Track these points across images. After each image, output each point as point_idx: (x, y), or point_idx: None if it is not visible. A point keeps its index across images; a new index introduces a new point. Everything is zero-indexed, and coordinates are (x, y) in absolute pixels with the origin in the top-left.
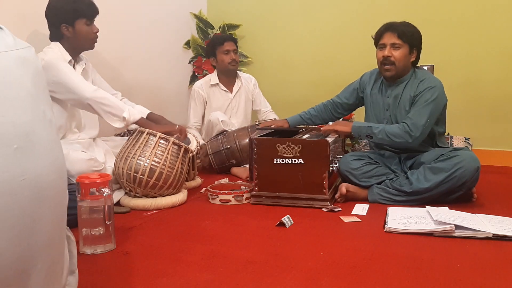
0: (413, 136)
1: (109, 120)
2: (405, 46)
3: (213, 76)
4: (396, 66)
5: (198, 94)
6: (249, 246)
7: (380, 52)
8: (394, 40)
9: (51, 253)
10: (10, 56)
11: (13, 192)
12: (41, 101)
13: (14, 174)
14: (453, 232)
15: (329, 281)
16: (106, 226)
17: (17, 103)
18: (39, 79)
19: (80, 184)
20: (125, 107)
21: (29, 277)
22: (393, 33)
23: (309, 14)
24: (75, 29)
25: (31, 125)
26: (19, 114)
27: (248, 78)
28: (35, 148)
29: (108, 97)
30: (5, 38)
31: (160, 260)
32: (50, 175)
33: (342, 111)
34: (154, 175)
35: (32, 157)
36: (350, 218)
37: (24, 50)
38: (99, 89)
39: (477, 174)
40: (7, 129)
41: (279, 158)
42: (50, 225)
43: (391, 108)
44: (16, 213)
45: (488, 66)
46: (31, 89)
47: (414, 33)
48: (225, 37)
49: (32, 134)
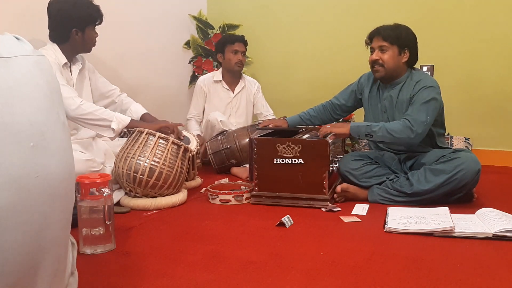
0: (415, 131)
1: (99, 132)
2: (393, 47)
3: (217, 73)
4: (386, 68)
5: (200, 89)
6: (249, 246)
7: (370, 56)
8: (380, 43)
9: (58, 252)
10: (29, 60)
11: (27, 189)
12: (55, 104)
13: (29, 171)
14: (453, 232)
15: (329, 281)
16: (106, 226)
17: (34, 103)
18: (53, 83)
19: (80, 184)
20: (112, 116)
21: (36, 273)
22: (378, 36)
23: (309, 14)
24: (85, 34)
25: (46, 125)
26: (36, 114)
27: (252, 81)
28: (49, 147)
29: (92, 111)
30: (24, 46)
31: (160, 260)
32: (62, 175)
33: (341, 113)
34: (154, 175)
35: (46, 156)
36: (350, 218)
37: (40, 57)
38: (83, 104)
39: (477, 176)
40: (25, 127)
41: (279, 158)
42: (58, 223)
43: (388, 110)
44: (29, 209)
45: (488, 66)
46: (46, 91)
47: (402, 34)
48: (237, 37)
49: (47, 134)
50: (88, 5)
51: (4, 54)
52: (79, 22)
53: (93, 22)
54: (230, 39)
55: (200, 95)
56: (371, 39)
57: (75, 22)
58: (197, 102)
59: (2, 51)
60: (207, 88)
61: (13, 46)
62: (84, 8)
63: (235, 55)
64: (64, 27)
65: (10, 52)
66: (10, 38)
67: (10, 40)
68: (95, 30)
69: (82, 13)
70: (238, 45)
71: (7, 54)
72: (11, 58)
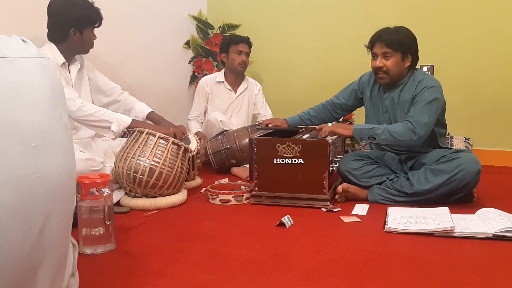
0: (417, 133)
1: (100, 132)
2: (397, 54)
3: (220, 73)
4: (390, 75)
5: (202, 89)
6: (249, 246)
7: (373, 61)
8: (384, 50)
9: (58, 253)
10: (33, 61)
11: (28, 189)
12: (58, 105)
13: (31, 171)
14: (453, 232)
15: (329, 281)
16: (106, 226)
17: (37, 104)
18: (56, 85)
19: (80, 184)
20: (113, 118)
21: (36, 273)
22: (382, 42)
23: (309, 14)
24: (83, 35)
25: (48, 125)
26: (38, 115)
27: (254, 83)
28: (50, 148)
29: (93, 113)
30: (29, 48)
31: (160, 260)
32: (63, 175)
33: (341, 112)
34: (154, 175)
35: (48, 157)
36: (350, 218)
37: (45, 59)
38: (84, 106)
39: (478, 177)
40: (27, 127)
41: (279, 158)
42: (59, 224)
43: (390, 110)
44: (30, 209)
45: (488, 66)
46: (49, 93)
47: (405, 40)
48: (242, 38)
49: (48, 135)
50: (88, 7)
51: (10, 55)
52: (77, 23)
53: (92, 24)
54: (235, 39)
55: (202, 96)
56: (372, 44)
57: (74, 22)
58: (199, 102)
59: (8, 52)
60: (210, 88)
61: (19, 48)
62: (83, 9)
63: (239, 55)
64: (63, 27)
65: (15, 53)
66: (16, 39)
67: (16, 42)
68: (93, 32)
69: (81, 14)
70: (243, 46)
71: (12, 55)
72: (16, 59)
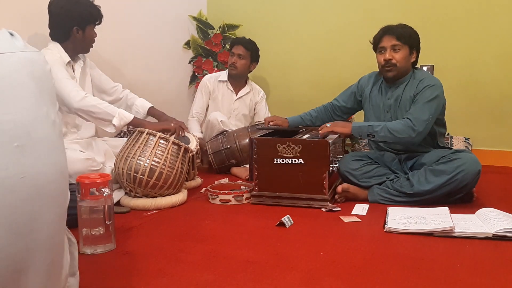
0: (416, 130)
1: (101, 126)
2: (405, 47)
3: (223, 73)
4: (398, 67)
5: (205, 86)
6: (249, 246)
7: (381, 55)
8: (393, 42)
9: (50, 253)
10: (17, 56)
11: (12, 190)
12: (44, 102)
13: (14, 172)
14: (453, 232)
15: (329, 281)
16: (106, 226)
17: (19, 103)
18: (45, 81)
19: (80, 184)
20: (115, 112)
21: (26, 275)
22: (391, 35)
23: (310, 14)
24: (85, 33)
25: (33, 124)
26: (21, 113)
27: (258, 89)
28: (36, 147)
29: (96, 104)
30: (15, 42)
31: (160, 260)
32: (51, 175)
33: (341, 114)
34: (154, 175)
35: (33, 156)
36: (350, 218)
37: (33, 53)
38: (87, 97)
39: (478, 177)
40: (8, 127)
41: (279, 158)
42: (49, 224)
43: (392, 109)
44: (14, 211)
45: (488, 66)
46: (34, 90)
47: (412, 34)
48: (237, 40)
49: (34, 133)
50: (89, 4)
51: None
52: (80, 20)
53: (94, 21)
54: (231, 41)
55: (205, 91)
56: (380, 38)
57: (77, 20)
58: (200, 98)
59: None
60: (212, 86)
61: (3, 43)
62: (85, 6)
63: (231, 57)
64: (65, 25)
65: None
66: (2, 33)
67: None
68: (94, 30)
69: (83, 11)
70: (236, 47)
71: None
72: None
